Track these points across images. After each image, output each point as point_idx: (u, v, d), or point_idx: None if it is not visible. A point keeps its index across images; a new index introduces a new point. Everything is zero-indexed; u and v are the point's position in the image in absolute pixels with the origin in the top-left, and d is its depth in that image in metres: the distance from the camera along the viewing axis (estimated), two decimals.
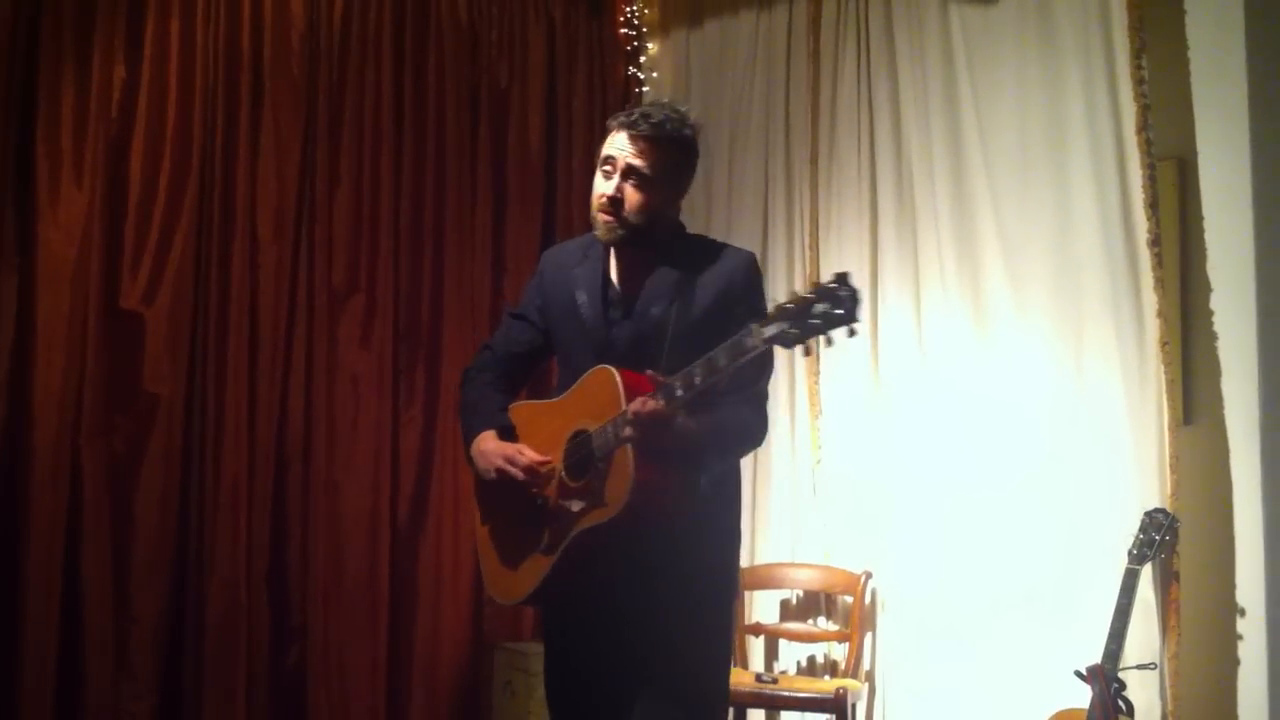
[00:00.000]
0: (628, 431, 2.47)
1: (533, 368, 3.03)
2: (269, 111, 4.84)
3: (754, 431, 2.71)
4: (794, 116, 5.01)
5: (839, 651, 4.57)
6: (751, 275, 2.75)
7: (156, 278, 4.61)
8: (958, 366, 4.30)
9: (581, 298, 2.81)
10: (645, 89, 5.60)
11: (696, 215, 5.30)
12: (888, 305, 4.57)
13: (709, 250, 2.80)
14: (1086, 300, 3.97)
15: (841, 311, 2.18)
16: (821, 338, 2.21)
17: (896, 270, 4.56)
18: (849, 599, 4.48)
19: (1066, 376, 4.00)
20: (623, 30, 5.59)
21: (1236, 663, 3.27)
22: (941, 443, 4.30)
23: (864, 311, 2.28)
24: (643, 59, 5.59)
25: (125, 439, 4.53)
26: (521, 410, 2.89)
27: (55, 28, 4.48)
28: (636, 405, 2.45)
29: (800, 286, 2.21)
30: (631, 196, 2.75)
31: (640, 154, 2.75)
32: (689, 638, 2.64)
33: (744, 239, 4.70)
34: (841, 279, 2.21)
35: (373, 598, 4.87)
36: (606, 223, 2.77)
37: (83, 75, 4.52)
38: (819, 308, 2.19)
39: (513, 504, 2.77)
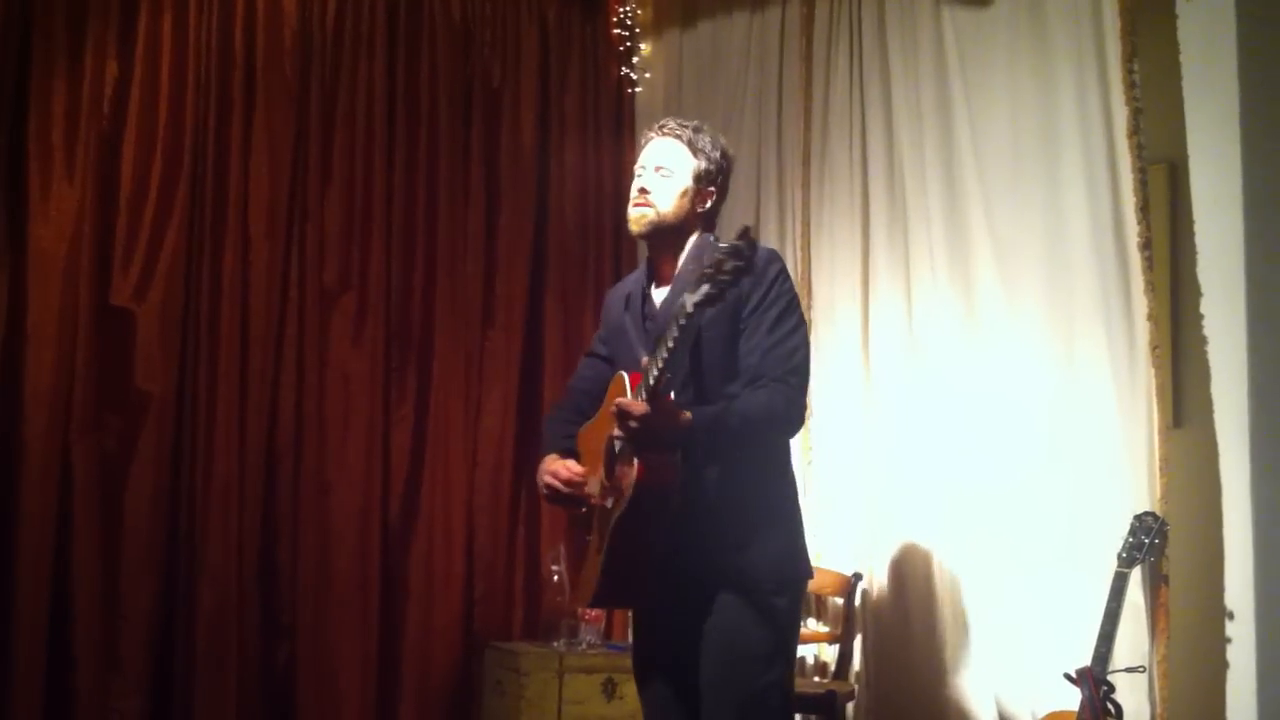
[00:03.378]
0: (615, 430, 2.65)
1: (603, 401, 3.11)
2: (261, 109, 4.84)
3: (772, 413, 2.75)
4: (786, 117, 5.02)
5: (829, 653, 4.58)
6: (764, 268, 2.82)
7: (148, 274, 4.61)
8: (948, 368, 4.30)
9: (627, 319, 3.01)
10: (638, 89, 5.60)
11: None
12: (879, 306, 4.58)
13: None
14: (1077, 303, 3.97)
15: (743, 263, 2.40)
16: (734, 289, 2.45)
17: (888, 271, 4.56)
18: (839, 600, 4.49)
19: (1057, 379, 4.00)
20: (616, 30, 5.58)
21: (1225, 666, 3.27)
22: (932, 445, 4.30)
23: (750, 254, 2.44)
24: (635, 59, 5.58)
25: (116, 436, 4.53)
26: (582, 433, 3.05)
27: (47, 23, 4.48)
28: (617, 402, 2.64)
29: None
30: (659, 185, 2.94)
31: (667, 151, 2.97)
32: (743, 631, 2.75)
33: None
34: (743, 234, 2.43)
35: (363, 596, 4.86)
36: (638, 213, 2.94)
37: (74, 71, 4.52)
38: (728, 265, 2.41)
39: (579, 516, 2.96)
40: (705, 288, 2.42)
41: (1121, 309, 3.86)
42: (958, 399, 4.24)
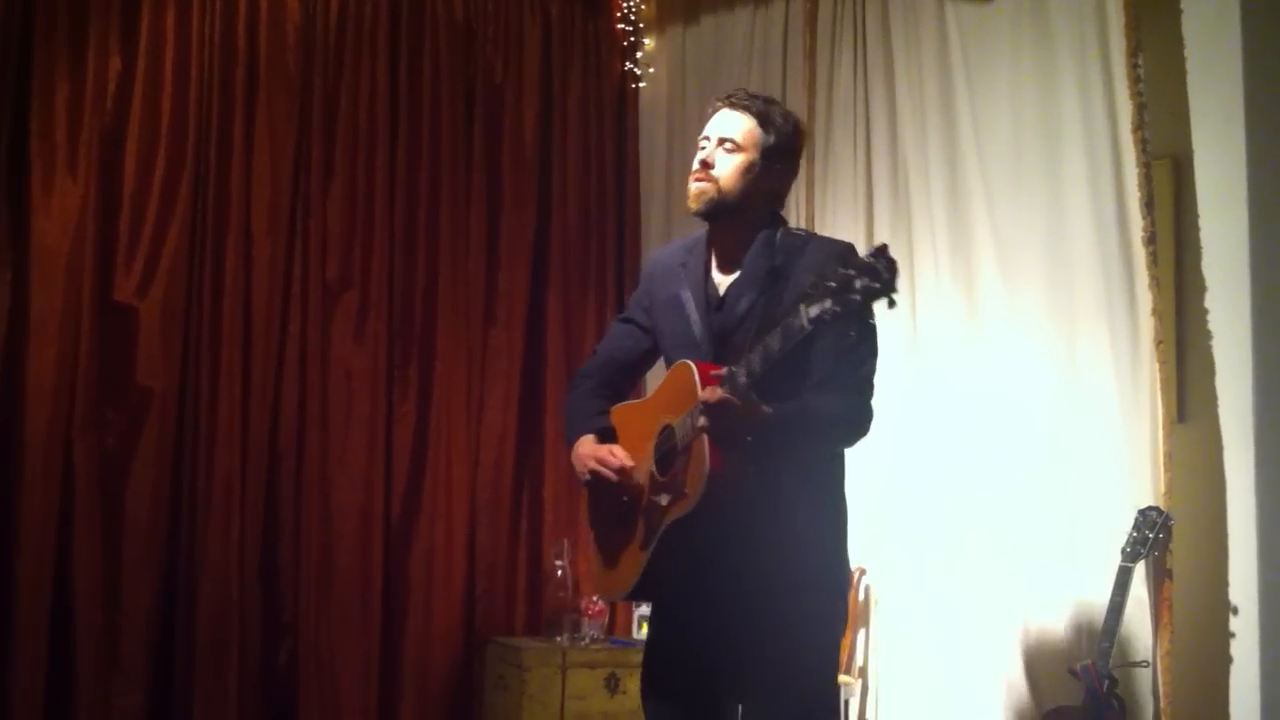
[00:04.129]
0: (701, 421, 2.49)
1: (637, 372, 3.03)
2: (264, 105, 4.84)
3: (848, 419, 2.68)
4: None
5: None
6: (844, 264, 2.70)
7: (150, 271, 4.61)
8: (952, 364, 4.30)
9: (685, 294, 2.79)
10: (641, 85, 5.59)
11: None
12: (883, 303, 4.56)
13: (805, 242, 2.76)
14: (1081, 298, 3.96)
15: (879, 285, 2.25)
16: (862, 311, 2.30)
17: None
18: None
19: (1061, 374, 4.00)
20: (619, 26, 5.58)
21: (1229, 660, 3.28)
22: (936, 440, 4.29)
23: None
24: (639, 55, 5.57)
25: (117, 433, 4.52)
26: (620, 411, 2.91)
27: (50, 19, 4.48)
28: (705, 394, 2.49)
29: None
30: (723, 160, 2.73)
31: (734, 123, 2.75)
32: (791, 639, 2.64)
33: None
34: (879, 252, 2.27)
35: (365, 593, 4.86)
36: (698, 188, 2.74)
37: (77, 67, 4.52)
38: (859, 282, 2.25)
39: (613, 503, 2.81)
40: (828, 303, 2.27)
41: (1125, 304, 3.85)
42: (962, 394, 4.23)
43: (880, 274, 2.25)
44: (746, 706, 2.69)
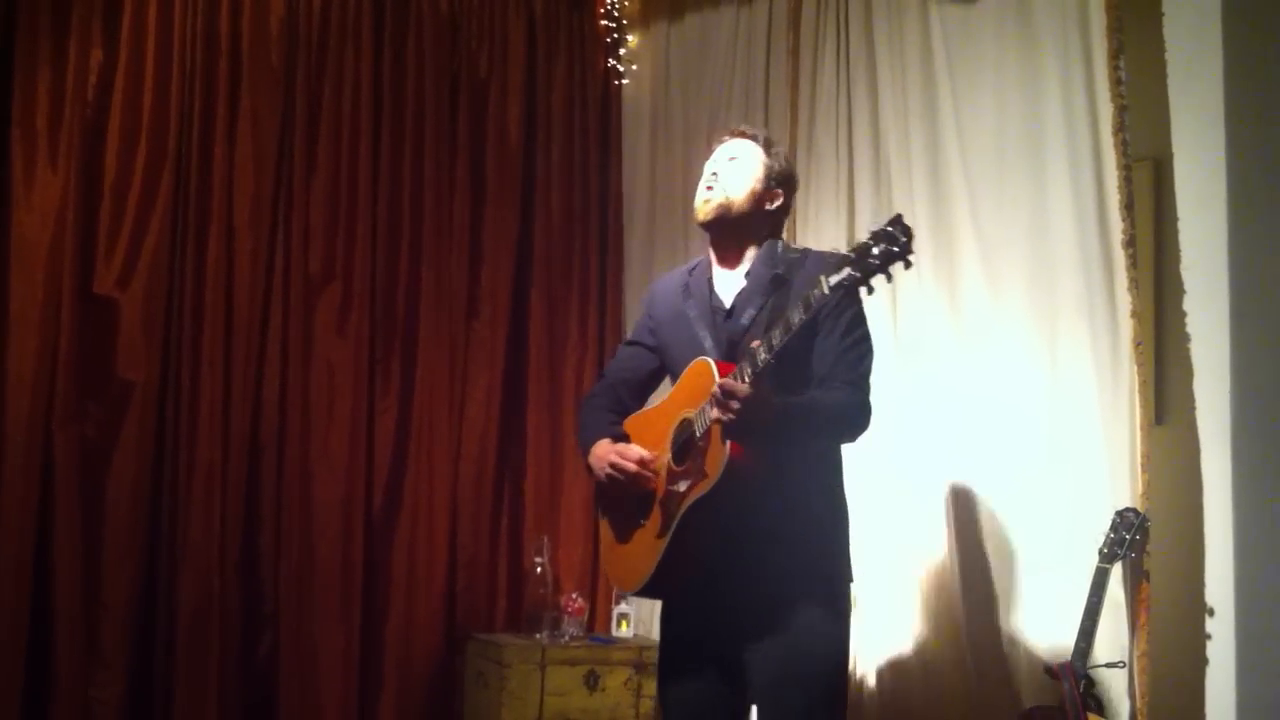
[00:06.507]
0: (715, 411, 2.63)
1: (644, 392, 3.19)
2: (246, 97, 4.82)
3: (849, 414, 2.85)
4: (773, 112, 5.01)
5: None
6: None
7: (131, 262, 4.60)
8: (933, 364, 4.31)
9: (691, 308, 3.00)
10: (625, 81, 5.59)
11: (674, 207, 5.30)
12: (865, 302, 4.56)
13: (805, 255, 2.96)
14: (1061, 299, 3.98)
15: (897, 249, 2.40)
16: (881, 275, 2.43)
17: None
18: None
19: (1040, 375, 4.01)
20: (603, 22, 5.58)
21: (1205, 662, 3.28)
22: (915, 440, 4.30)
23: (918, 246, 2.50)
24: (623, 51, 5.58)
25: (98, 425, 4.51)
26: (634, 420, 3.08)
27: (32, 8, 4.46)
28: (721, 382, 2.63)
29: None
30: (729, 170, 2.99)
31: (741, 146, 3.04)
32: (812, 628, 2.79)
33: None
34: (895, 220, 2.42)
35: (346, 587, 4.86)
36: (706, 196, 2.99)
37: (59, 57, 4.51)
38: (877, 249, 2.40)
39: (629, 501, 2.95)
40: (848, 270, 2.42)
41: (1105, 306, 3.86)
42: (942, 396, 4.24)
43: (897, 238, 2.39)
44: (756, 693, 2.82)
